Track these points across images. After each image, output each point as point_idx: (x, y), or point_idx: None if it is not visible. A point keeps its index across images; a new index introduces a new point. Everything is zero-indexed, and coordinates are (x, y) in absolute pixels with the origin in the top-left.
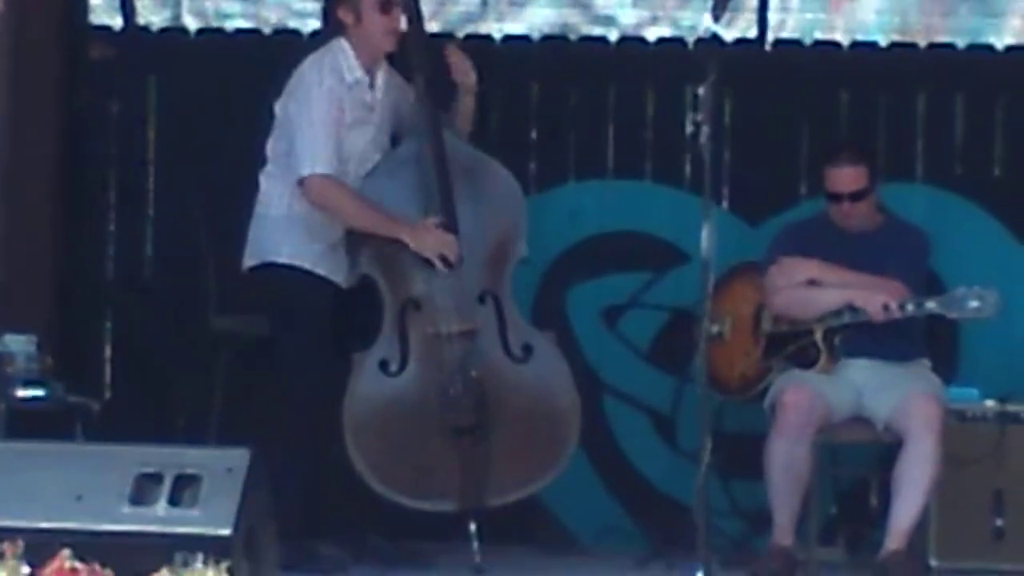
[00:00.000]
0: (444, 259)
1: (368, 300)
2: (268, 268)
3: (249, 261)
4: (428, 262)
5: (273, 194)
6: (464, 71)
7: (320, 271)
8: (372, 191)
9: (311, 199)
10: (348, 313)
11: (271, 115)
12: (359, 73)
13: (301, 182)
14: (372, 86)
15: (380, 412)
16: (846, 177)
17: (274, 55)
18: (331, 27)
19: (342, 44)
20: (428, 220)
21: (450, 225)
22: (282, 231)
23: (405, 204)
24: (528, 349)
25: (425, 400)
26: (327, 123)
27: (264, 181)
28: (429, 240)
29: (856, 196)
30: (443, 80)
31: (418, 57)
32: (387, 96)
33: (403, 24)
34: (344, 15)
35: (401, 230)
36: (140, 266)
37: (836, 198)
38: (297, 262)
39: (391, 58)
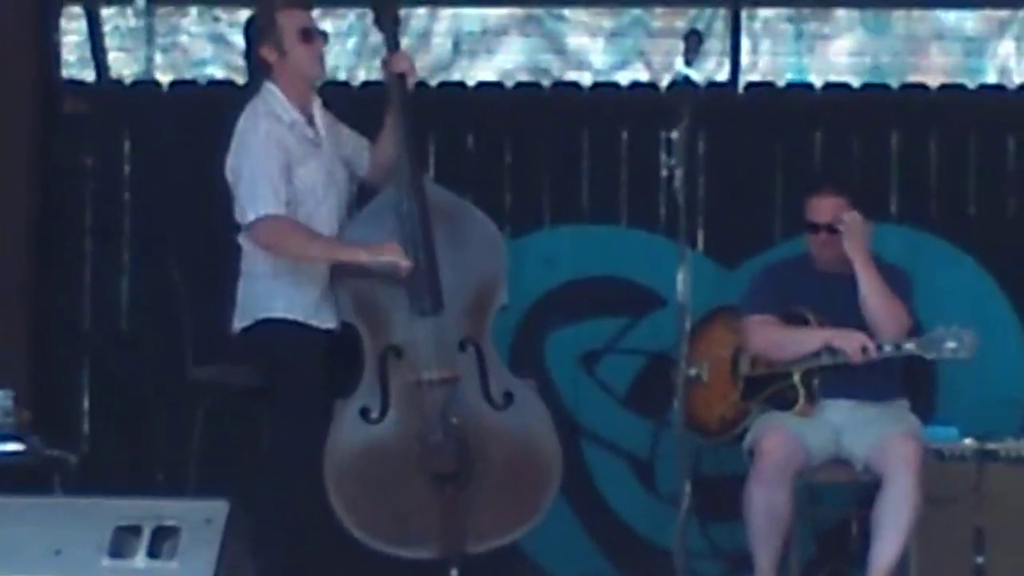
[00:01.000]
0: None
1: (349, 347)
2: (263, 325)
3: (241, 322)
4: (412, 301)
5: (256, 253)
6: (407, 65)
7: (315, 321)
8: (351, 238)
9: (261, 245)
10: (329, 360)
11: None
12: (295, 114)
13: (249, 232)
14: (311, 123)
15: (361, 459)
16: (826, 207)
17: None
18: (254, 71)
19: (269, 88)
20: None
21: (429, 269)
22: (271, 287)
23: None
24: (509, 396)
25: (406, 447)
26: (269, 167)
27: (245, 243)
28: (383, 248)
29: (835, 228)
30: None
31: (399, 100)
32: (328, 131)
33: (324, 52)
34: (268, 54)
35: (356, 250)
36: (117, 317)
37: (815, 228)
38: (291, 315)
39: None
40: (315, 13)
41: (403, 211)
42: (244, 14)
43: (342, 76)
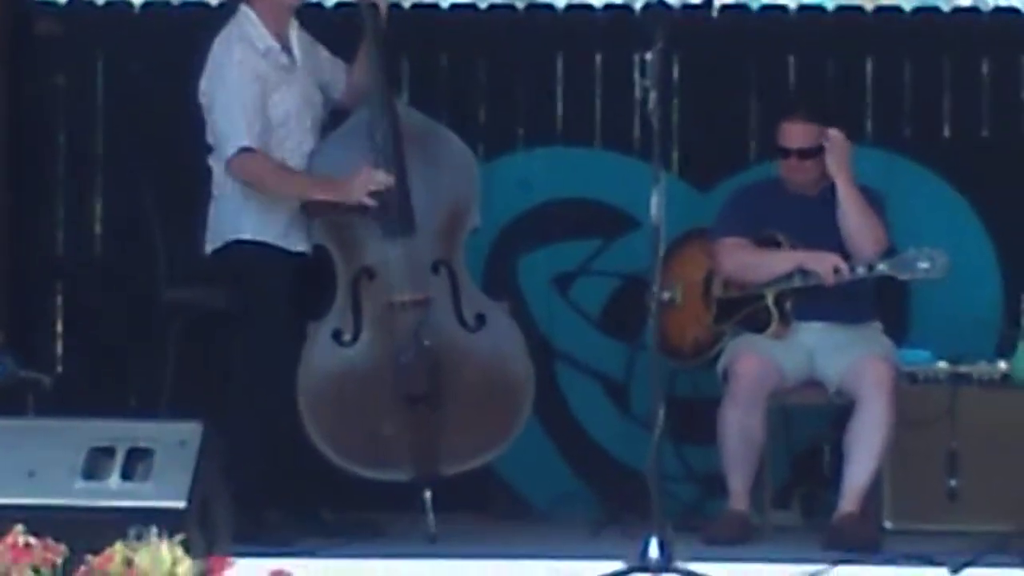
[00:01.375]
0: (377, 195)
1: (321, 270)
2: (233, 247)
3: (212, 244)
4: (383, 223)
5: (225, 175)
6: None
7: (284, 243)
8: (323, 161)
9: (237, 179)
10: (302, 283)
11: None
12: (270, 40)
13: (227, 166)
14: (286, 49)
15: (334, 382)
16: (797, 133)
17: (220, 26)
18: None
19: (247, 12)
20: (362, 167)
21: (401, 191)
22: (241, 209)
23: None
24: (481, 319)
25: (378, 369)
26: (243, 98)
27: (215, 165)
28: (353, 186)
29: (805, 153)
30: None
31: (371, 25)
32: (305, 55)
33: None
34: None
35: (325, 189)
36: (90, 241)
37: (785, 153)
38: (261, 237)
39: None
40: None
41: (375, 133)
42: None
43: None
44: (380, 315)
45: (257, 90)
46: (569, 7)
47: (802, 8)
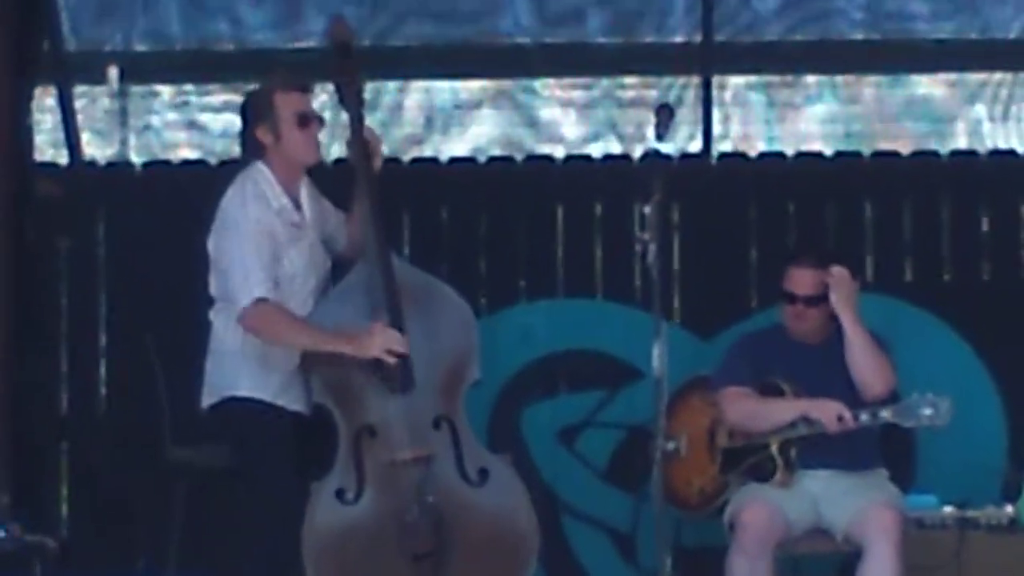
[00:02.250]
0: (395, 353)
1: (323, 429)
2: (229, 403)
3: (209, 399)
4: (383, 380)
5: (226, 330)
6: (375, 147)
7: (281, 402)
8: (324, 317)
9: (251, 329)
10: (304, 442)
11: (206, 253)
12: (284, 199)
13: (239, 316)
14: (297, 206)
15: (338, 541)
16: (806, 279)
17: (221, 185)
18: (247, 150)
19: (260, 168)
20: (373, 324)
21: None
22: (239, 366)
23: (357, 328)
24: (484, 473)
25: (382, 527)
26: (259, 251)
27: (215, 319)
28: (372, 342)
29: (811, 301)
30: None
31: (365, 179)
32: (313, 211)
33: (320, 137)
34: (263, 136)
35: (341, 343)
36: (95, 401)
37: (792, 299)
38: (257, 395)
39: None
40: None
41: (373, 289)
42: (215, 96)
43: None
44: (382, 473)
45: (271, 247)
46: (568, 158)
47: (799, 155)
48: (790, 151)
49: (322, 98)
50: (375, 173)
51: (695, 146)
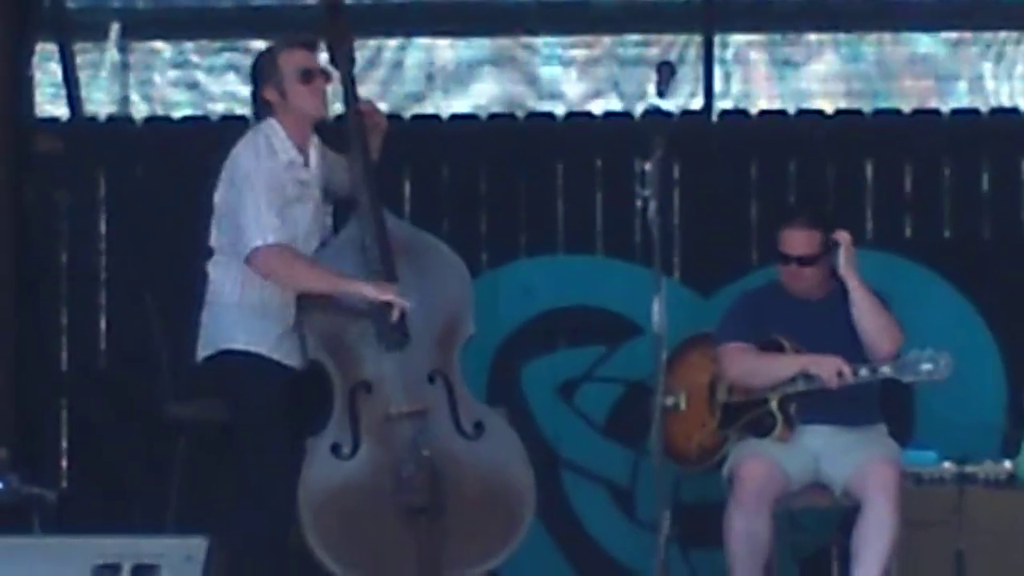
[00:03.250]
0: (398, 328)
1: (319, 384)
2: (224, 356)
3: (204, 351)
4: (378, 335)
5: (224, 282)
6: (377, 120)
7: (276, 356)
8: None
9: (263, 271)
10: (300, 398)
11: (207, 209)
12: (293, 153)
13: (249, 257)
14: (306, 163)
15: (335, 496)
16: (798, 240)
17: (220, 141)
18: (259, 112)
19: (272, 124)
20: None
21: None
22: (236, 318)
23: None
24: (480, 426)
25: (379, 482)
26: (271, 198)
27: (213, 270)
28: (386, 287)
29: (805, 260)
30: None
31: (357, 138)
32: (319, 169)
33: (327, 90)
34: (269, 95)
35: (359, 284)
36: (94, 356)
37: (786, 259)
38: (253, 348)
39: (321, 133)
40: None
41: (366, 246)
42: (216, 54)
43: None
44: (378, 428)
45: (280, 202)
46: (568, 116)
47: (801, 112)
48: (791, 109)
49: (324, 56)
50: (366, 132)
51: (696, 104)
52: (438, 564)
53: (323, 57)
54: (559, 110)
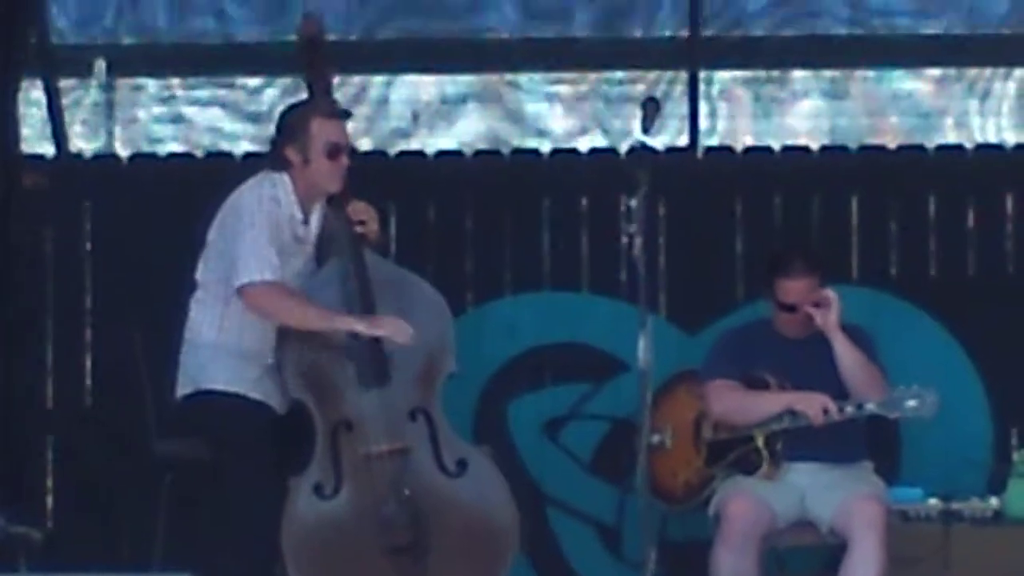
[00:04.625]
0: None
1: (300, 424)
2: (204, 395)
3: (183, 389)
4: (358, 375)
5: (203, 320)
6: (369, 227)
7: (256, 396)
8: None
9: (255, 305)
10: (282, 438)
11: (192, 246)
12: (295, 209)
13: (242, 290)
14: (306, 222)
15: (317, 535)
16: (800, 288)
17: (206, 178)
18: (273, 158)
19: (284, 179)
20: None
21: (373, 340)
22: (214, 358)
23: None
24: (462, 464)
25: (361, 521)
26: (269, 237)
27: (194, 308)
28: (382, 320)
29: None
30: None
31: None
32: (316, 230)
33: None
34: (292, 155)
35: (352, 321)
36: (80, 393)
37: (789, 308)
38: (232, 388)
39: None
40: (258, 80)
41: (346, 284)
42: (201, 90)
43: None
44: (359, 467)
45: (279, 245)
46: (554, 152)
47: (786, 149)
48: (776, 146)
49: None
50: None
51: (682, 140)
52: None
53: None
54: (544, 146)
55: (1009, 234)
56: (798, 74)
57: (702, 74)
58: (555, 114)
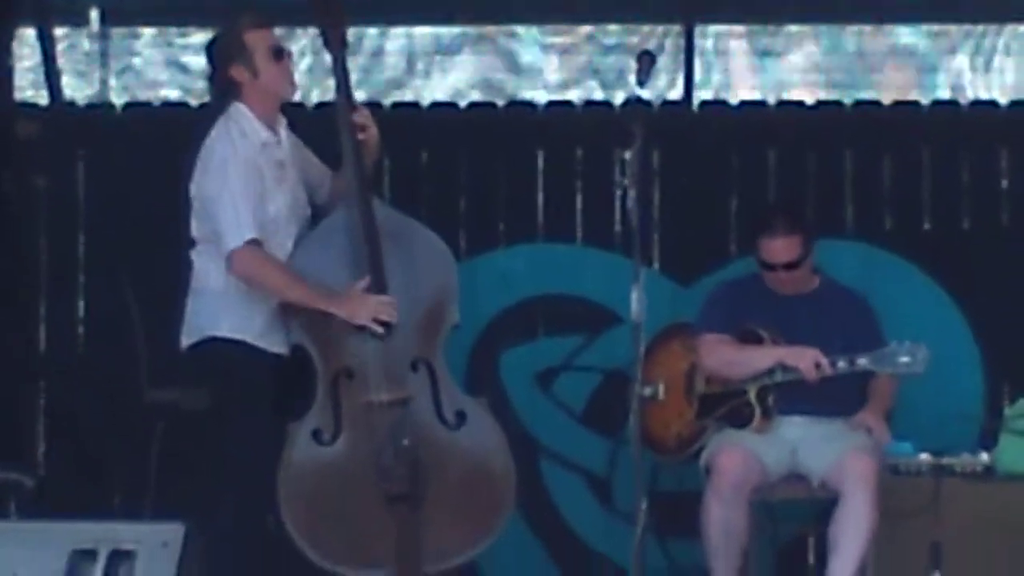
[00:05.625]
0: (381, 322)
1: (302, 370)
2: (209, 343)
3: (189, 339)
4: (362, 328)
5: (209, 270)
6: (370, 132)
7: (262, 344)
8: (304, 260)
9: (239, 274)
10: (283, 383)
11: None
12: (265, 134)
13: (228, 260)
14: (280, 142)
15: (314, 482)
16: (780, 248)
17: (202, 127)
18: (221, 92)
19: (239, 108)
20: (356, 285)
21: (378, 291)
22: (221, 305)
23: (337, 272)
24: (462, 415)
25: (359, 469)
26: (248, 193)
27: (197, 259)
28: (360, 308)
29: (791, 266)
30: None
31: (347, 125)
32: (293, 154)
33: (296, 74)
34: (238, 74)
35: (331, 302)
36: (72, 340)
37: (770, 267)
38: (239, 336)
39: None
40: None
41: (353, 233)
42: (197, 36)
43: (296, 97)
44: (359, 414)
45: (259, 189)
46: (549, 104)
47: (781, 103)
48: (771, 99)
49: (302, 42)
50: (355, 116)
51: (676, 93)
52: (417, 553)
53: (298, 44)
54: (539, 97)
55: (1003, 190)
56: (793, 27)
57: (697, 27)
58: (550, 65)
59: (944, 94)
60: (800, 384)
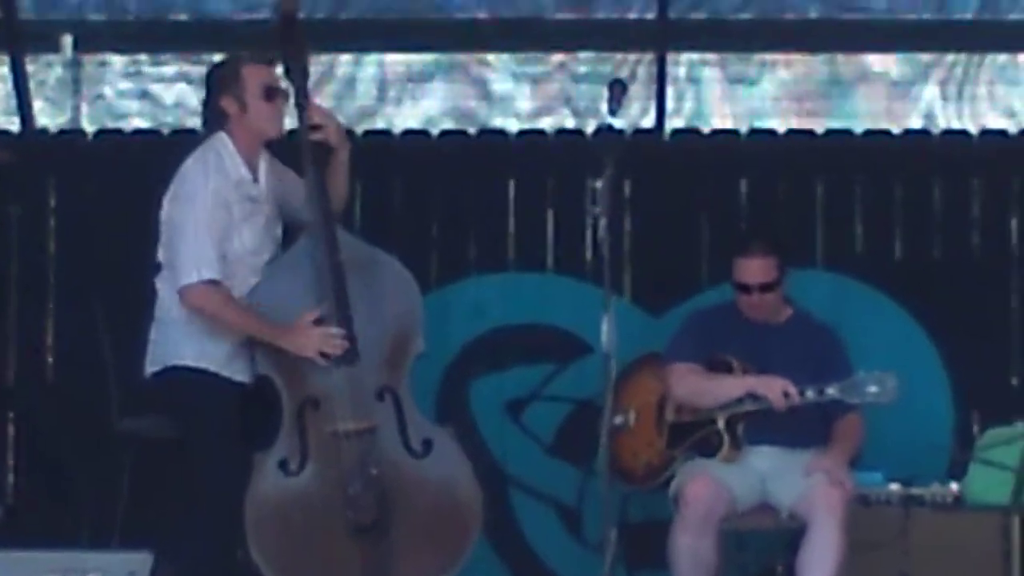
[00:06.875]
0: (326, 355)
1: (267, 400)
2: (173, 372)
3: (152, 367)
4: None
5: (172, 299)
6: (328, 131)
7: (226, 373)
8: (268, 289)
9: (190, 307)
10: (248, 413)
11: (157, 223)
12: (243, 170)
13: (180, 292)
14: (256, 179)
15: (281, 512)
16: (756, 268)
17: (172, 155)
18: (209, 120)
19: (223, 139)
20: (304, 318)
21: (342, 321)
22: (184, 335)
23: (303, 301)
24: (428, 444)
25: (325, 499)
26: (212, 228)
27: (161, 286)
28: (305, 342)
29: (765, 288)
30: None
31: (310, 154)
32: (269, 184)
33: (288, 112)
34: (227, 105)
35: (277, 336)
36: (42, 369)
37: (745, 289)
38: (202, 364)
39: (270, 145)
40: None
41: (317, 262)
42: (169, 66)
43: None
44: (326, 444)
45: (225, 223)
46: (521, 133)
47: (752, 132)
48: (743, 128)
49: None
50: (320, 148)
51: (648, 122)
52: None
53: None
54: (511, 126)
55: (974, 219)
56: (765, 56)
57: (669, 55)
58: (521, 93)
59: (916, 123)
60: (770, 414)
